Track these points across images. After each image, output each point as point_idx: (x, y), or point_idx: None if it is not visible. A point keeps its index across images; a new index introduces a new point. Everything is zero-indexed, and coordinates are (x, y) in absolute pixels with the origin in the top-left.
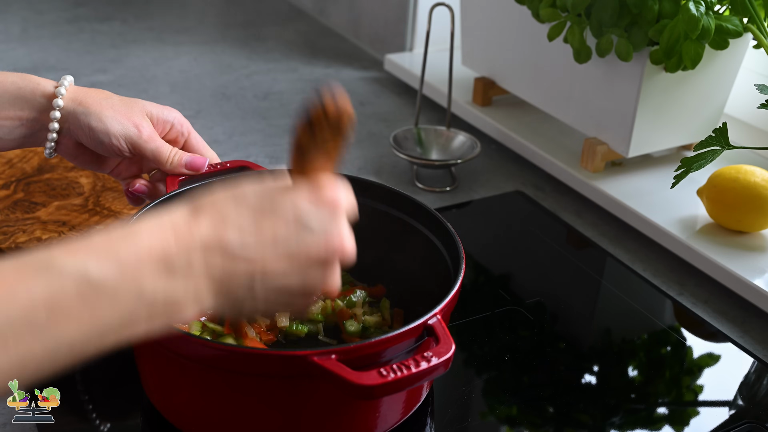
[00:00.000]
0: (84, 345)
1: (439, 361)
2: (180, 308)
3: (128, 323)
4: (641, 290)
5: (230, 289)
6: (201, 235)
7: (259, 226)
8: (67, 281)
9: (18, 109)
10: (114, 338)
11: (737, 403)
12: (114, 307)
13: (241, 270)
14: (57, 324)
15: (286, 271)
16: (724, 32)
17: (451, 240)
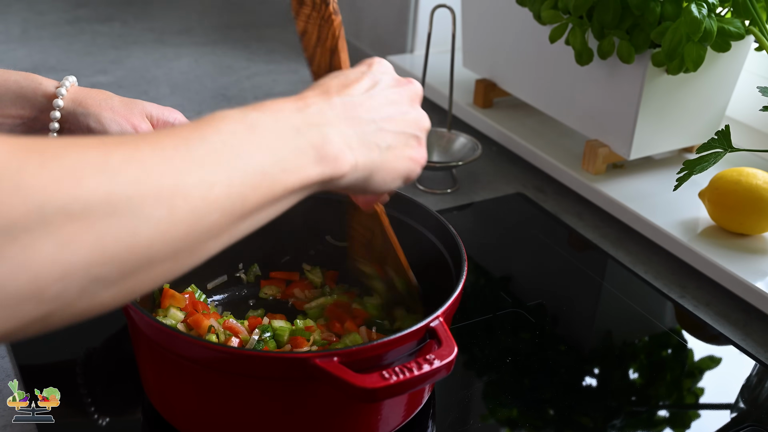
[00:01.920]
0: (273, 171)
1: (441, 364)
2: (335, 144)
3: (300, 157)
4: (642, 292)
5: (363, 127)
6: (314, 96)
7: (343, 84)
8: (235, 121)
9: (19, 108)
10: (296, 173)
11: (739, 405)
12: (280, 139)
13: (359, 110)
14: (243, 147)
15: (385, 104)
16: (726, 35)
17: (453, 242)
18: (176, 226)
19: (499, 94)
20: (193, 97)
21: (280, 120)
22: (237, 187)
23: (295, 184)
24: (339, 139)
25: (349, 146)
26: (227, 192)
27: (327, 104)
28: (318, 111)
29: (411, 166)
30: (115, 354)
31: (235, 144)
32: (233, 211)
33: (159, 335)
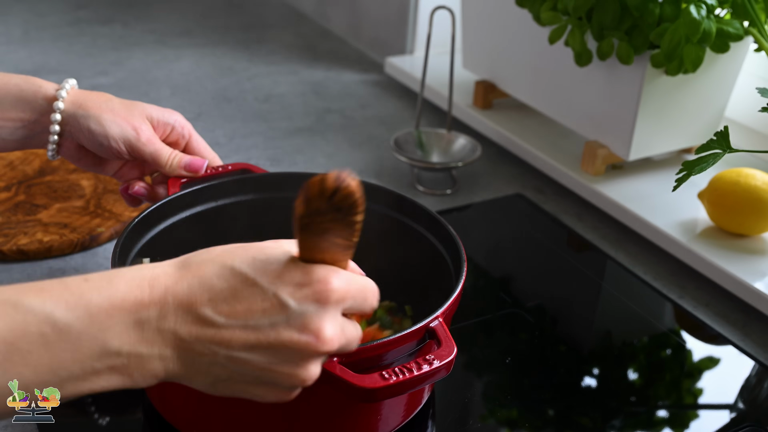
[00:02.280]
0: (37, 389)
1: (441, 364)
2: (143, 366)
3: (89, 375)
4: (642, 293)
5: (194, 355)
6: (177, 297)
7: (236, 299)
8: (32, 321)
9: (20, 111)
10: (72, 389)
11: (738, 406)
12: (75, 356)
13: (206, 336)
14: (13, 363)
15: (251, 344)
16: (725, 36)
17: (453, 243)
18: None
19: (499, 95)
20: (193, 99)
21: (93, 332)
22: None
23: (66, 397)
24: (152, 366)
25: (162, 369)
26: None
27: (175, 320)
28: (156, 320)
29: (252, 398)
30: None
31: (18, 360)
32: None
33: None
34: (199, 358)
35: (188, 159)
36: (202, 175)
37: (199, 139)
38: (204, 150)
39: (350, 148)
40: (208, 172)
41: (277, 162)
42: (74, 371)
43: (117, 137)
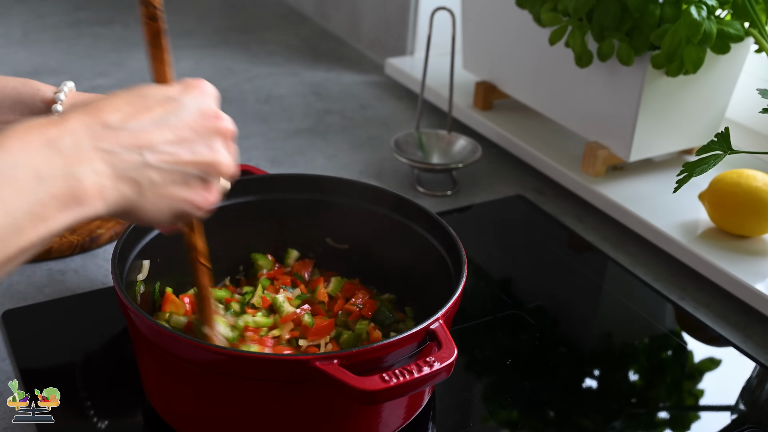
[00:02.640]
0: (2, 238)
1: (441, 366)
2: (83, 184)
3: (40, 213)
4: (642, 294)
5: (124, 163)
6: (77, 119)
7: (134, 108)
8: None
9: (18, 114)
10: (34, 233)
11: (739, 407)
12: (17, 193)
13: (127, 142)
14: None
15: (171, 140)
16: (725, 37)
17: (453, 244)
18: None
19: (499, 96)
20: None
21: (20, 164)
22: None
23: (33, 239)
24: (89, 180)
25: (100, 186)
26: None
27: (87, 131)
28: (72, 141)
29: (182, 206)
30: (114, 356)
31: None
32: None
33: (159, 338)
34: (128, 164)
35: None
36: None
37: None
38: None
39: (350, 149)
40: None
41: (277, 163)
42: (24, 211)
43: None
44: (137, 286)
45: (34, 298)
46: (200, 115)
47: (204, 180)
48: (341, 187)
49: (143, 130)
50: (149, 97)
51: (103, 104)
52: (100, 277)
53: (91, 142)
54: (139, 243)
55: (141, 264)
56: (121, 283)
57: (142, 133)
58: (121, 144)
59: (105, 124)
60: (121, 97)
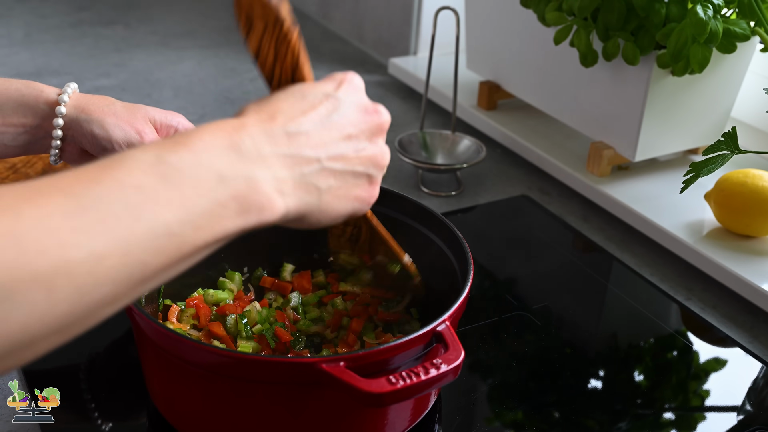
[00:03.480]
0: (182, 231)
1: (448, 368)
2: (263, 190)
3: (217, 208)
4: (648, 295)
5: (303, 167)
6: (256, 124)
7: (301, 109)
8: (147, 166)
9: (21, 117)
10: (210, 229)
11: (745, 408)
12: (198, 190)
13: (304, 145)
14: (149, 205)
15: (338, 139)
16: (731, 36)
17: (459, 245)
18: (57, 307)
19: (503, 96)
20: (196, 100)
21: (204, 164)
22: (135, 255)
23: (208, 240)
24: (270, 186)
25: (281, 192)
26: (122, 262)
27: (266, 137)
28: (253, 146)
29: (355, 205)
30: (118, 359)
31: (138, 203)
32: (130, 280)
33: (164, 340)
34: (308, 167)
35: None
36: None
37: None
38: None
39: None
40: None
41: None
42: (202, 204)
43: (120, 141)
44: None
45: None
46: (360, 110)
47: (370, 176)
48: None
49: (315, 132)
50: (308, 95)
51: (272, 107)
52: None
53: (271, 147)
54: None
55: None
56: None
57: (315, 135)
58: (298, 148)
59: (281, 127)
60: (284, 100)
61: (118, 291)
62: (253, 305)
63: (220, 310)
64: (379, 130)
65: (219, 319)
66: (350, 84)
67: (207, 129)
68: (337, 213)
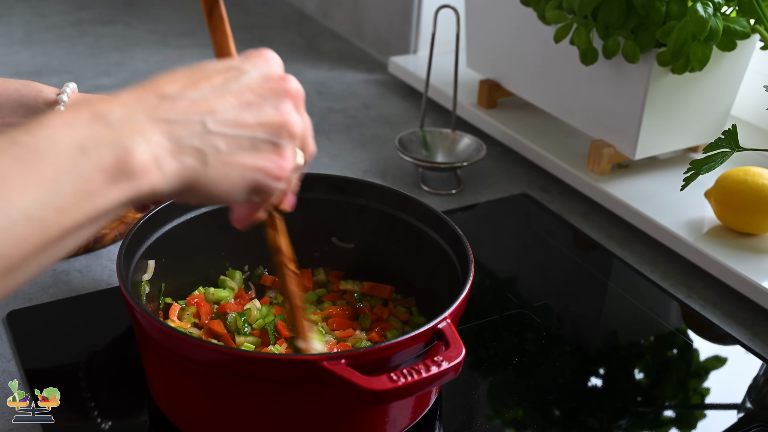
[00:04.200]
0: (42, 216)
1: (449, 366)
2: (135, 156)
3: (85, 188)
4: (648, 293)
5: (183, 130)
6: (130, 93)
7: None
8: (2, 150)
9: (20, 116)
10: (80, 212)
11: (746, 406)
12: (56, 168)
13: (186, 109)
14: (2, 192)
15: (234, 105)
16: (731, 33)
17: (460, 243)
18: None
19: (504, 94)
20: None
21: (61, 139)
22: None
23: (79, 220)
24: (141, 151)
25: (156, 156)
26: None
27: (140, 104)
28: (123, 115)
29: (257, 176)
30: (119, 357)
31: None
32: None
33: (166, 338)
34: (188, 131)
35: None
36: None
37: None
38: None
39: (354, 148)
40: None
41: None
42: (67, 187)
43: None
44: (142, 287)
45: (39, 298)
46: (264, 79)
47: (275, 144)
48: (346, 186)
49: (203, 98)
50: (208, 68)
51: (158, 78)
52: (104, 278)
53: (146, 113)
54: (145, 243)
55: (146, 264)
56: (127, 284)
57: (202, 101)
58: (178, 112)
59: (161, 94)
60: (179, 72)
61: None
62: (253, 303)
63: (221, 308)
64: (287, 96)
65: (219, 317)
66: (259, 57)
67: (71, 107)
68: (232, 183)
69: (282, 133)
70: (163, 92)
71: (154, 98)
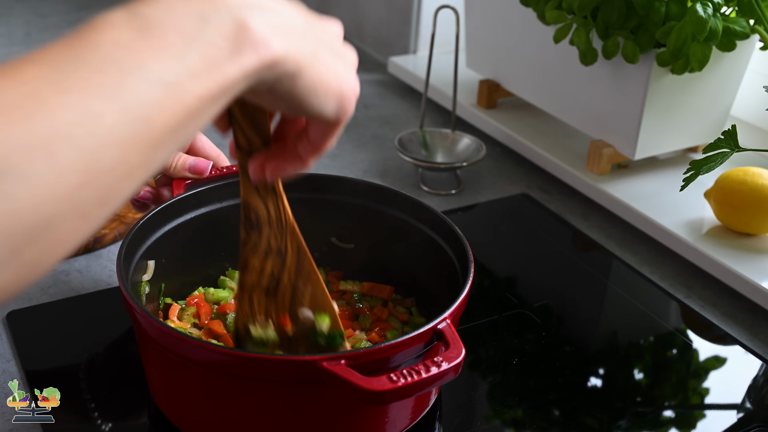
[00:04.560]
0: (177, 81)
1: (449, 366)
2: (256, 30)
3: (211, 53)
4: (648, 293)
5: (290, 24)
6: None
7: None
8: (121, 23)
9: None
10: (212, 81)
11: (745, 406)
12: (181, 35)
13: (286, 9)
14: (134, 57)
15: (329, 33)
16: (731, 34)
17: (460, 244)
18: (65, 176)
19: (503, 94)
20: None
21: (179, 10)
22: (135, 111)
23: (212, 88)
24: (261, 23)
25: (274, 28)
26: (123, 120)
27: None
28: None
29: (345, 88)
30: (120, 357)
31: (121, 57)
32: (138, 140)
33: (166, 339)
34: (294, 23)
35: (193, 160)
36: (207, 176)
37: (205, 140)
38: (209, 150)
39: (354, 149)
40: (213, 173)
41: None
42: (191, 49)
43: None
44: (142, 287)
45: (38, 298)
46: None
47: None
48: (345, 186)
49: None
50: None
51: None
52: (104, 278)
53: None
54: (145, 243)
55: (146, 264)
56: (127, 284)
57: (292, 10)
58: (282, 6)
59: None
60: None
61: (129, 156)
62: None
63: (221, 308)
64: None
65: (219, 317)
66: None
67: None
68: (329, 86)
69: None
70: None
71: None
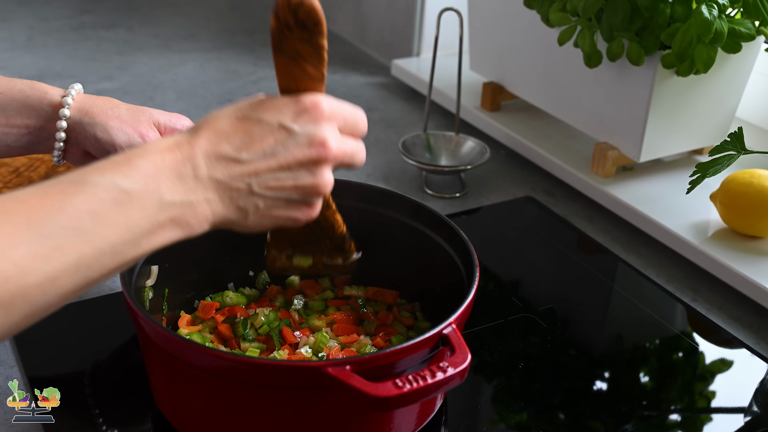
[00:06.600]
0: (123, 249)
1: (454, 372)
2: (195, 211)
3: (155, 228)
4: (654, 296)
5: (232, 192)
6: (201, 148)
7: (250, 138)
8: (102, 192)
9: (25, 118)
10: (146, 245)
11: (752, 409)
12: (143, 213)
13: (237, 172)
14: (100, 229)
15: (276, 169)
16: (736, 35)
17: (465, 248)
18: (11, 320)
19: (507, 97)
20: (199, 103)
21: (150, 189)
22: (83, 273)
23: (143, 253)
24: (202, 208)
25: (210, 212)
26: (72, 280)
27: (206, 161)
28: (192, 171)
29: (283, 222)
30: (123, 363)
31: (90, 228)
32: (75, 291)
33: (170, 345)
34: (237, 193)
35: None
36: None
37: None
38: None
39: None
40: None
41: None
42: (144, 226)
43: (123, 145)
44: (146, 292)
45: None
46: (308, 144)
47: (306, 202)
48: (349, 191)
49: (252, 161)
50: (265, 122)
51: (223, 128)
52: (107, 282)
53: (208, 170)
54: None
55: (149, 269)
56: (131, 290)
57: (250, 163)
58: (232, 175)
59: (220, 155)
60: (240, 122)
61: (63, 300)
62: (261, 309)
63: (231, 311)
64: (324, 162)
65: (229, 321)
66: (313, 113)
67: (159, 149)
68: (263, 227)
69: (313, 194)
70: (223, 152)
71: (215, 158)
